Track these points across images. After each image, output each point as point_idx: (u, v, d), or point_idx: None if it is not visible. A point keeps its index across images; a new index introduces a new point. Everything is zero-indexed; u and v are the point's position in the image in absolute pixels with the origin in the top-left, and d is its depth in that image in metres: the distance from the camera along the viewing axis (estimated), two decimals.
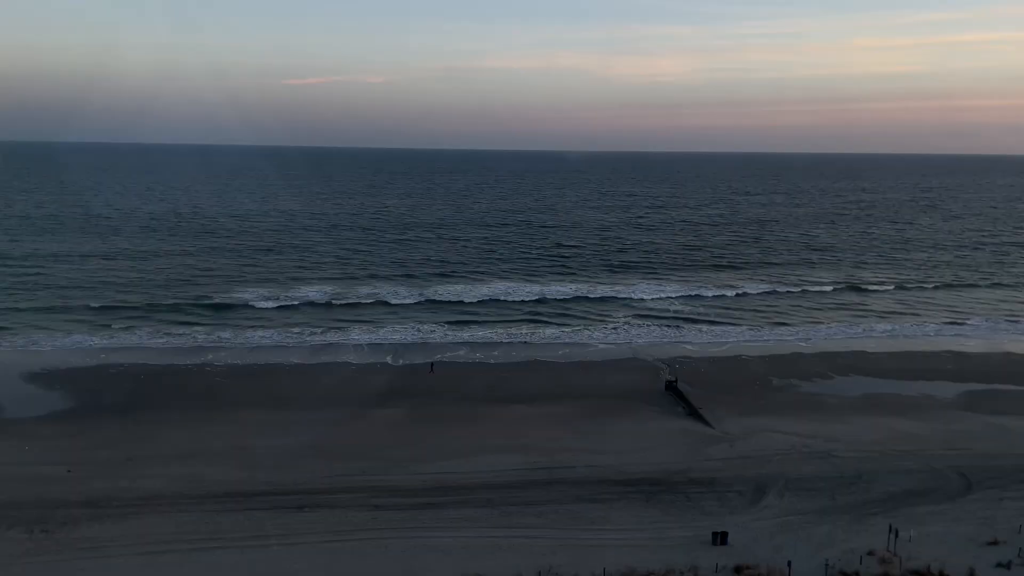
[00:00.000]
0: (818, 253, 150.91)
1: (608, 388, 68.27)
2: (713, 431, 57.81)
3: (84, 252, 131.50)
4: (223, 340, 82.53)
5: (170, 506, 43.91)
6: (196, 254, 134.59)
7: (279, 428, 57.04)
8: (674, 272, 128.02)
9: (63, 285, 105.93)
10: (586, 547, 40.33)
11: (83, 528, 41.13)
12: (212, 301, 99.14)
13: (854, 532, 41.76)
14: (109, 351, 77.36)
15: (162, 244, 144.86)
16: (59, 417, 59.24)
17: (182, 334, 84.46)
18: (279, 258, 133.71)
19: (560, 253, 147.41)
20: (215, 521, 42.23)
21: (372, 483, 47.68)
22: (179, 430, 56.05)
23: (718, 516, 43.88)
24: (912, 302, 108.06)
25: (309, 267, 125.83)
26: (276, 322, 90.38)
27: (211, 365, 73.56)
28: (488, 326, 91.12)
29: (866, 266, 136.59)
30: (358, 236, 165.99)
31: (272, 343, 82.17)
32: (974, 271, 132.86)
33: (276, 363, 75.11)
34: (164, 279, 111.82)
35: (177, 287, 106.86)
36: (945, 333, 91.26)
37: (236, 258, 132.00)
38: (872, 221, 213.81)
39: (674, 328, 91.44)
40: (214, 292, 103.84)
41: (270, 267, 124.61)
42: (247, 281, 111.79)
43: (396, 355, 78.64)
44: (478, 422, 59.47)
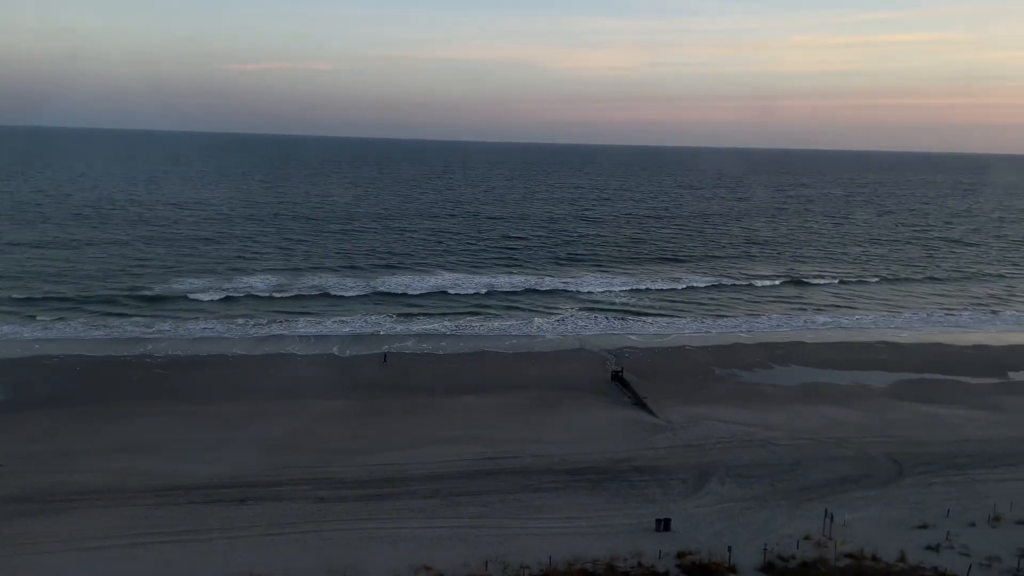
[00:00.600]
0: (759, 247, 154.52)
1: (555, 378, 68.87)
2: (657, 420, 58.86)
3: (11, 240, 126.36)
4: (162, 331, 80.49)
5: (108, 501, 42.76)
6: (132, 243, 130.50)
7: (221, 420, 56.00)
8: (620, 264, 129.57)
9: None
10: (533, 535, 40.71)
11: (15, 524, 39.81)
12: (150, 292, 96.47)
13: (791, 517, 43.08)
14: (43, 342, 74.82)
15: (96, 233, 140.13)
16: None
17: (119, 325, 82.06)
18: (219, 248, 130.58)
19: (507, 245, 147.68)
20: (155, 515, 41.30)
21: (317, 475, 47.20)
22: (117, 423, 54.57)
23: (661, 503, 44.75)
24: (849, 295, 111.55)
25: (251, 257, 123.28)
26: (217, 313, 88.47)
27: (150, 357, 71.70)
28: (436, 317, 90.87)
29: (805, 259, 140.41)
30: (302, 226, 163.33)
31: (214, 334, 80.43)
32: (907, 265, 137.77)
33: (218, 354, 73.61)
34: (99, 269, 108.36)
35: (113, 277, 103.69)
36: (880, 325, 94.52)
37: (174, 248, 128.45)
38: (810, 216, 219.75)
39: (620, 319, 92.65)
40: (152, 283, 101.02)
41: (210, 257, 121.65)
42: (186, 271, 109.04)
43: (343, 346, 77.87)
44: (425, 413, 59.35)
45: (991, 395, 67.86)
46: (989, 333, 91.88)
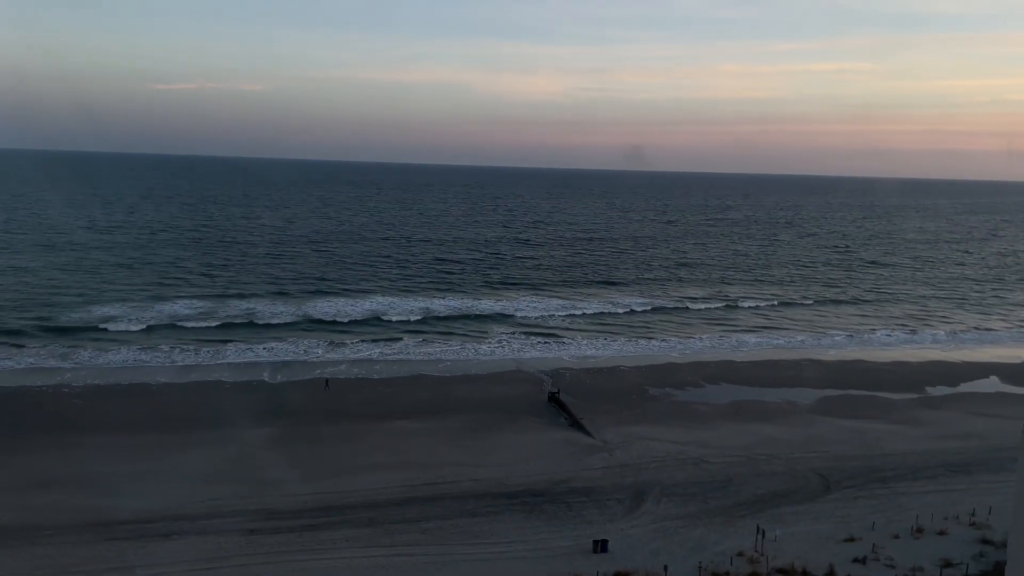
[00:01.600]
0: (688, 269, 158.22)
1: (491, 401, 68.68)
2: (593, 440, 59.24)
3: None
4: (80, 361, 77.02)
5: (22, 539, 40.42)
6: (45, 270, 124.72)
7: (145, 451, 53.76)
8: (555, 287, 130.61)
9: None
10: (471, 561, 40.32)
11: None
12: (67, 320, 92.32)
13: (725, 534, 43.83)
14: None
15: (7, 259, 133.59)
16: None
17: (32, 355, 78.19)
18: (140, 274, 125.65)
19: (441, 268, 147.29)
20: (73, 553, 39.29)
21: (246, 506, 45.73)
22: (32, 456, 51.77)
23: (598, 524, 44.94)
24: (775, 315, 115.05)
25: (174, 283, 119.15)
26: (139, 341, 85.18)
27: (68, 386, 68.46)
28: (369, 342, 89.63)
29: (733, 281, 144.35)
30: (228, 250, 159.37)
31: (135, 363, 77.39)
32: (830, 286, 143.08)
33: (141, 383, 70.83)
34: (13, 295, 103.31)
35: (26, 305, 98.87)
36: (805, 343, 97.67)
37: (92, 274, 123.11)
38: (737, 238, 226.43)
39: (556, 341, 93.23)
40: (68, 311, 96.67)
41: (131, 283, 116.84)
42: (105, 299, 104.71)
43: (273, 373, 76.02)
44: (358, 439, 58.30)
45: (911, 410, 70.73)
46: (907, 350, 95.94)
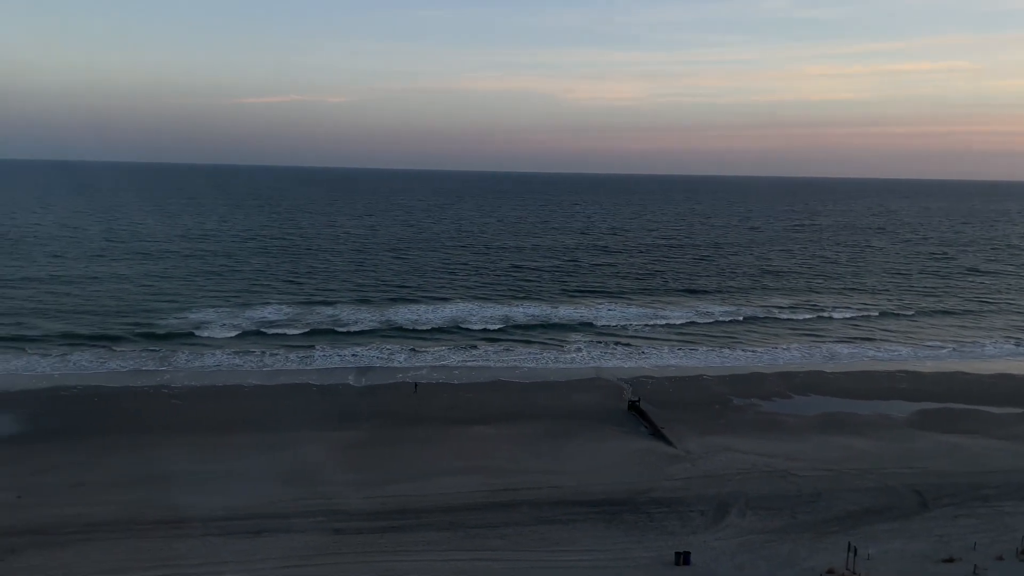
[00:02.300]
0: (774, 276, 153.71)
1: (570, 408, 68.34)
2: (675, 450, 58.16)
3: (27, 275, 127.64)
4: (177, 363, 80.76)
5: (123, 533, 42.57)
6: (141, 277, 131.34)
7: (237, 451, 55.84)
8: (634, 295, 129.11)
9: (5, 311, 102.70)
10: (550, 568, 40.14)
11: (31, 557, 39.69)
12: (165, 324, 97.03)
13: (814, 550, 42.26)
14: (59, 375, 75.17)
15: (109, 266, 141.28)
16: (9, 441, 57.20)
17: (135, 358, 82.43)
18: (232, 280, 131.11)
19: (519, 275, 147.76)
20: (170, 547, 41.06)
21: (331, 506, 46.87)
22: (133, 454, 54.50)
23: (680, 536, 44.05)
24: (867, 325, 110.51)
25: (262, 290, 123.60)
26: (232, 344, 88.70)
27: (167, 387, 71.86)
28: (449, 348, 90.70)
29: (823, 290, 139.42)
30: (313, 257, 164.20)
31: (228, 365, 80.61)
32: (927, 295, 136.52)
33: (233, 385, 73.66)
34: (115, 301, 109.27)
35: (125, 310, 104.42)
36: (901, 355, 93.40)
37: (186, 280, 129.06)
38: (826, 244, 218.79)
39: (636, 349, 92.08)
40: (164, 315, 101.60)
41: (221, 289, 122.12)
42: (198, 305, 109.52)
43: (357, 376, 77.80)
44: (439, 443, 58.95)
45: (1015, 425, 66.68)
46: (1012, 363, 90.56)
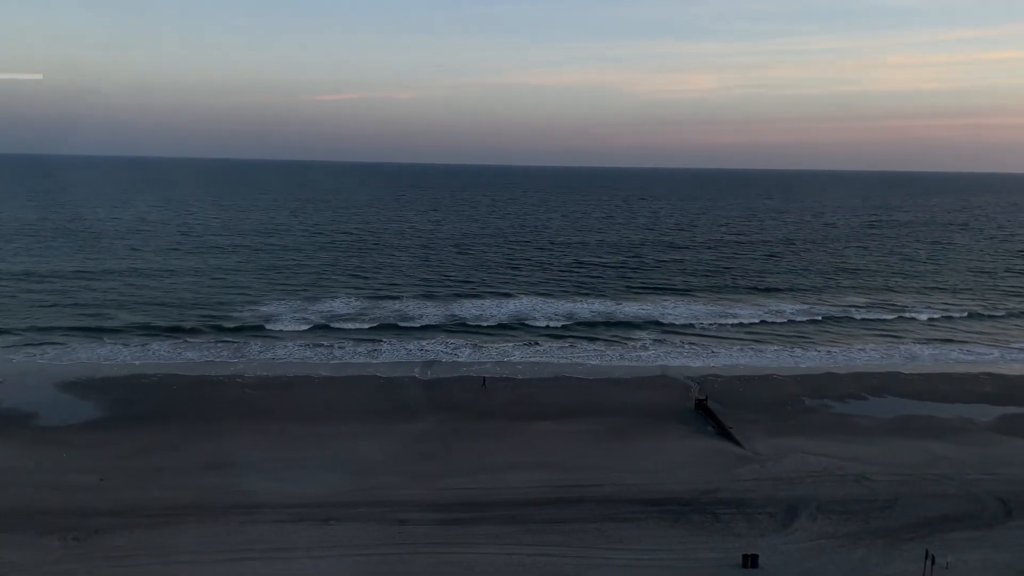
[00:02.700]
0: (849, 274, 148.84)
1: (636, 406, 67.64)
2: (743, 451, 56.97)
3: (108, 268, 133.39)
4: (250, 354, 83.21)
5: (199, 517, 44.13)
6: (219, 270, 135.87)
7: (306, 440, 57.21)
8: (702, 292, 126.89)
9: (88, 302, 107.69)
10: (614, 566, 39.87)
11: (114, 537, 41.48)
12: (238, 315, 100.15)
13: (889, 557, 40.86)
14: (140, 363, 78.39)
15: (184, 260, 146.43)
16: (92, 426, 60.01)
17: (209, 348, 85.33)
18: (302, 274, 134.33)
19: (584, 271, 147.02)
20: (242, 532, 42.37)
21: (397, 497, 47.57)
22: (208, 441, 56.46)
23: (748, 538, 43.15)
24: (948, 325, 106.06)
25: (332, 283, 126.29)
26: (301, 337, 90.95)
27: (240, 377, 74.17)
28: (513, 343, 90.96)
29: (901, 289, 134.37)
30: (380, 252, 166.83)
31: (298, 357, 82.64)
32: (1014, 294, 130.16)
33: (303, 375, 75.53)
34: (190, 294, 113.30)
35: (201, 302, 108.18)
36: (985, 357, 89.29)
37: (259, 274, 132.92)
38: (905, 241, 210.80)
39: (703, 347, 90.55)
40: (237, 307, 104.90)
41: (292, 283, 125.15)
42: (271, 297, 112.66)
43: (423, 370, 78.75)
44: (502, 438, 59.18)
45: None
46: None
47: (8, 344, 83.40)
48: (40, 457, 52.66)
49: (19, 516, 43.48)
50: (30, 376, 72.23)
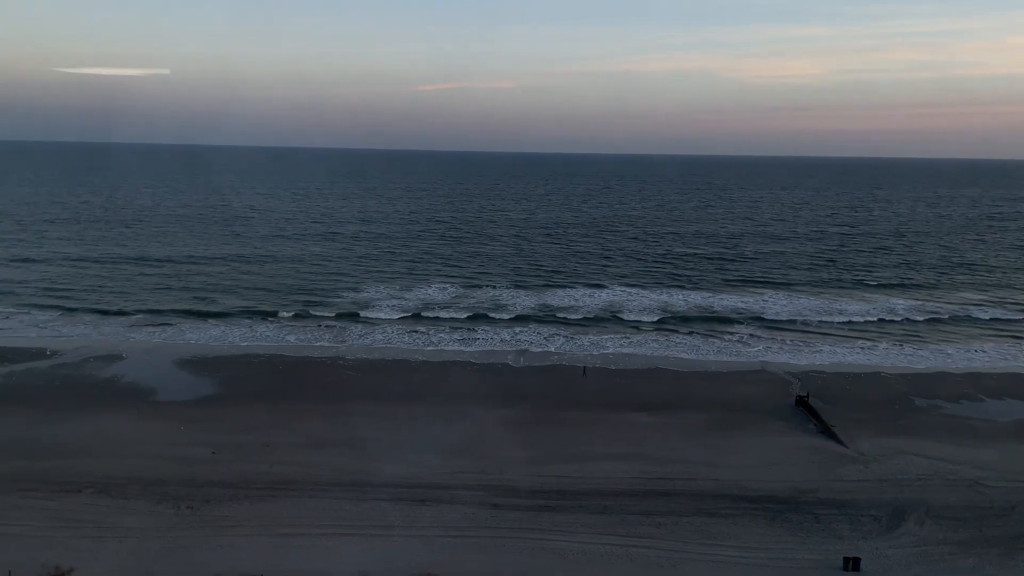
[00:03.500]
0: (966, 269, 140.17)
1: (733, 400, 66.10)
2: (847, 451, 54.82)
3: (216, 254, 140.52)
4: (350, 337, 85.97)
5: (302, 492, 46.08)
6: (320, 256, 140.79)
7: (404, 422, 58.72)
8: (804, 285, 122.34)
9: (199, 286, 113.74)
10: (707, 563, 39.26)
11: (223, 508, 43.85)
12: (339, 300, 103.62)
13: (1003, 567, 38.67)
14: (249, 343, 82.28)
15: (287, 246, 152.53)
16: (205, 402, 63.51)
17: (312, 331, 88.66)
18: (399, 260, 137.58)
19: (679, 262, 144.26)
20: (342, 508, 43.99)
21: (490, 482, 48.24)
22: (312, 419, 58.79)
23: (850, 540, 41.62)
24: None
25: (428, 271, 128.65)
26: (398, 322, 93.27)
27: (342, 359, 76.81)
28: (606, 333, 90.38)
29: (1022, 285, 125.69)
30: (475, 240, 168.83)
31: (396, 341, 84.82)
32: None
33: (401, 359, 77.48)
34: (293, 279, 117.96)
35: (306, 287, 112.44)
36: None
37: (359, 260, 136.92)
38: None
39: (805, 342, 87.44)
40: (340, 292, 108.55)
41: (391, 269, 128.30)
42: (369, 282, 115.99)
43: (516, 358, 79.35)
44: (594, 427, 59.02)
45: None
46: None
47: (130, 324, 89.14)
48: (158, 430, 56.16)
49: (138, 485, 46.54)
50: (150, 353, 77.07)
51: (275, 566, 37.34)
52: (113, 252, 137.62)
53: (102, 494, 45.10)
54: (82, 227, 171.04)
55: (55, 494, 44.89)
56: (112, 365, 72.68)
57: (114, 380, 68.54)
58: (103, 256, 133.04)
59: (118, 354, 76.17)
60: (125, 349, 78.15)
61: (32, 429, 55.45)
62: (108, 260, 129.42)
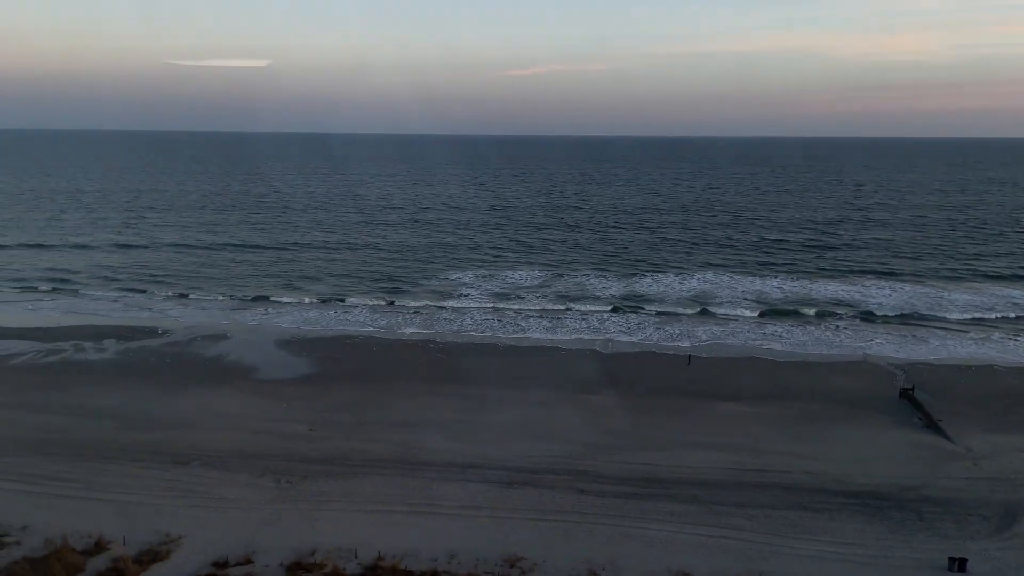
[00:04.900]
0: None
1: (831, 391, 63.69)
2: (954, 447, 52.02)
3: (306, 241, 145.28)
4: (440, 321, 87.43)
5: (394, 470, 47.33)
6: (410, 242, 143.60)
7: (492, 405, 59.36)
8: (910, 273, 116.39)
9: (294, 272, 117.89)
10: (802, 557, 38.08)
11: (320, 483, 45.51)
12: (429, 284, 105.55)
13: None
14: (342, 327, 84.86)
15: (379, 232, 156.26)
16: (304, 380, 65.97)
17: (404, 314, 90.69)
18: (488, 247, 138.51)
19: (774, 248, 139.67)
20: (432, 488, 44.90)
21: (578, 467, 48.23)
22: (403, 400, 60.21)
23: (956, 540, 39.55)
24: None
25: (516, 257, 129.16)
26: (487, 306, 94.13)
27: (432, 342, 78.28)
28: (697, 320, 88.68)
29: None
30: (560, 225, 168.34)
31: (485, 325, 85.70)
32: None
33: (489, 344, 78.29)
34: (385, 265, 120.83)
35: (399, 273, 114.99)
36: None
37: (447, 246, 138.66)
38: None
39: (910, 333, 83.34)
40: (429, 277, 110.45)
41: (480, 255, 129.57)
42: (457, 268, 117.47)
43: (604, 344, 78.85)
44: (686, 416, 58.06)
45: None
46: None
47: (233, 307, 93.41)
48: (260, 406, 58.75)
49: (241, 458, 48.86)
50: (252, 333, 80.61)
51: (367, 542, 38.49)
52: (247, 237, 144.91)
53: (208, 466, 47.58)
54: (223, 214, 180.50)
55: (166, 465, 47.66)
56: (218, 344, 76.43)
57: (219, 358, 72.07)
58: (228, 242, 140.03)
59: (223, 334, 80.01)
60: (230, 329, 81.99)
61: (147, 403, 58.99)
62: (230, 246, 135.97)
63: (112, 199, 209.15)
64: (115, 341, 76.79)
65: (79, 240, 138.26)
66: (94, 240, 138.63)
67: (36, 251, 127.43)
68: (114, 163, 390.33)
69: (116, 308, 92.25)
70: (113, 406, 58.24)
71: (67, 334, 78.90)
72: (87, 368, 68.63)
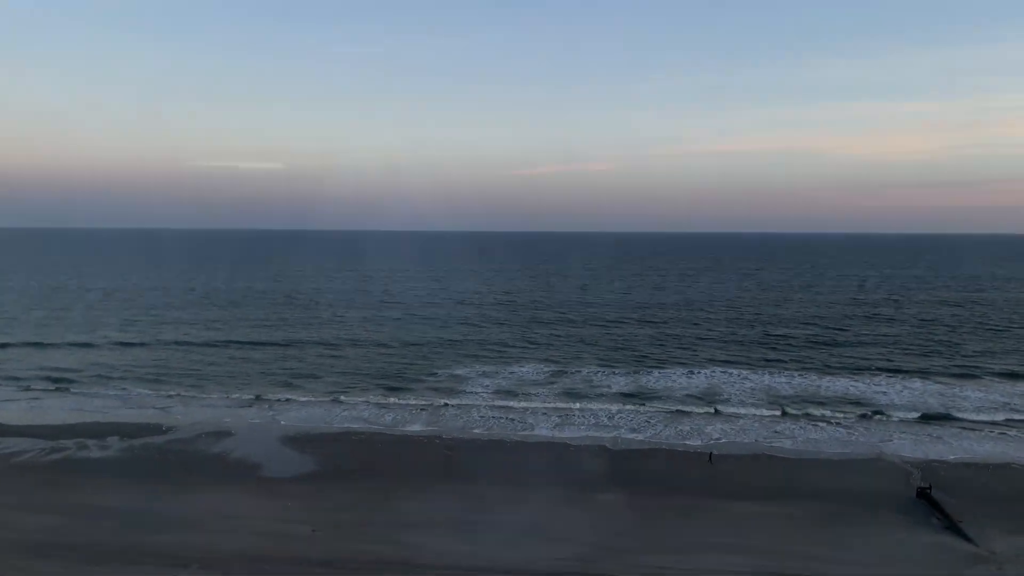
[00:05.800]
0: None
1: (846, 490, 62.20)
2: (976, 549, 50.34)
3: (315, 338, 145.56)
4: (445, 417, 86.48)
5: (400, 572, 45.81)
6: (414, 337, 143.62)
7: (500, 504, 57.99)
8: (920, 370, 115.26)
9: (297, 370, 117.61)
10: None
11: None
12: (433, 380, 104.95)
13: None
14: (350, 421, 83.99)
15: (383, 328, 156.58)
16: (307, 478, 64.78)
17: (408, 410, 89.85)
18: (492, 342, 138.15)
19: (779, 343, 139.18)
20: None
21: (587, 569, 46.73)
22: (410, 499, 58.88)
23: None
24: None
25: (520, 351, 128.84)
26: (492, 402, 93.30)
27: (438, 438, 77.20)
28: (706, 417, 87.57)
29: None
30: (565, 320, 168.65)
31: (492, 421, 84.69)
32: None
33: (496, 440, 77.16)
34: (387, 361, 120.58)
35: (401, 368, 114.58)
36: None
37: (451, 342, 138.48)
38: None
39: (924, 430, 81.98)
40: (434, 373, 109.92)
41: (483, 351, 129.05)
42: (462, 363, 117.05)
43: (613, 441, 77.68)
44: (698, 516, 56.56)
45: None
46: None
47: (239, 404, 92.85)
48: (262, 506, 57.49)
49: (241, 561, 47.45)
50: (256, 431, 79.73)
51: None
52: (251, 334, 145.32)
53: (207, 569, 46.16)
54: (240, 310, 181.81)
55: (164, 568, 46.26)
56: (221, 441, 75.52)
57: (223, 456, 71.07)
58: (231, 339, 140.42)
59: (227, 431, 79.18)
60: (233, 426, 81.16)
61: (148, 503, 57.82)
62: (234, 343, 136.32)
63: (117, 297, 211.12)
64: (118, 438, 76.02)
65: (81, 339, 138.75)
66: (94, 338, 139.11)
67: (38, 349, 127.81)
68: (125, 260, 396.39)
69: (119, 405, 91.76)
70: (114, 506, 57.10)
71: (70, 431, 78.22)
72: (89, 466, 67.71)
